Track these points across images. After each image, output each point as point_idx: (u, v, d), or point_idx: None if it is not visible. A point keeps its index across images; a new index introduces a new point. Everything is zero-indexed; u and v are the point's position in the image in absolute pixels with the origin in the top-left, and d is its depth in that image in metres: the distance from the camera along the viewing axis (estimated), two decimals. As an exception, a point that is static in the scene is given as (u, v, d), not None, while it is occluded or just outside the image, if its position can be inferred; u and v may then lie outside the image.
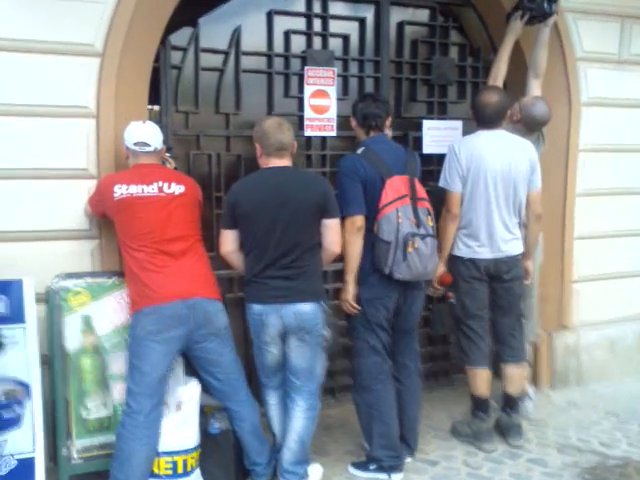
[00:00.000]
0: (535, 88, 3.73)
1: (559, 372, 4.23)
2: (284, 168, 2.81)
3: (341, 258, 2.98)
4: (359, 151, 3.00)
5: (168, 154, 3.09)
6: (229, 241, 2.81)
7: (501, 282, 3.33)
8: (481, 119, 3.33)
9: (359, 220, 2.91)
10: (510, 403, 3.45)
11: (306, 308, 2.74)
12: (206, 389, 2.88)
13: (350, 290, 2.96)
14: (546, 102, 3.61)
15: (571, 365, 4.26)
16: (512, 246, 3.32)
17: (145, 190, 2.74)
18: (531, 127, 3.58)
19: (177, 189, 2.80)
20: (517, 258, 3.35)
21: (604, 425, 3.70)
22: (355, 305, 2.98)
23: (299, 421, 2.85)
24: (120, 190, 2.72)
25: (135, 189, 2.73)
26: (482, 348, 3.34)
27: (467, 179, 3.23)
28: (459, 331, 3.41)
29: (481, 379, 3.35)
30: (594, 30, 4.10)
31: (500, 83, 3.67)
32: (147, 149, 2.81)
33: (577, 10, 3.96)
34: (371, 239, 2.94)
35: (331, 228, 2.83)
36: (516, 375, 3.43)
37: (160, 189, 2.76)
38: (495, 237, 3.26)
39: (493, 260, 3.28)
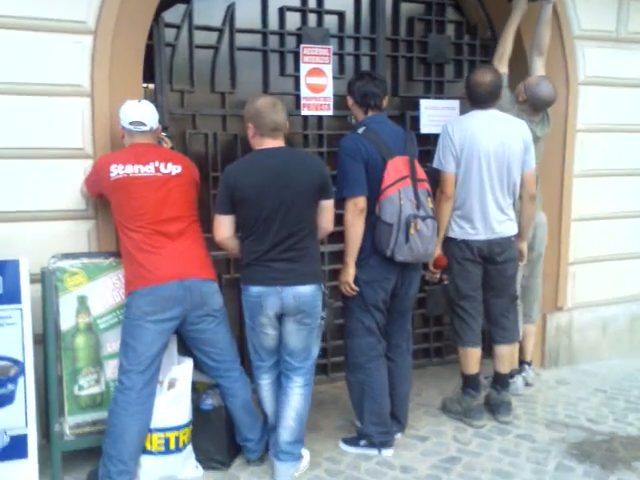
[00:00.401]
0: (539, 67, 3.72)
1: (551, 351, 4.29)
2: (281, 149, 2.75)
3: (335, 239, 2.98)
4: (360, 131, 2.95)
5: (164, 134, 3.06)
6: (226, 227, 2.73)
7: (494, 264, 3.34)
8: (474, 99, 3.30)
9: (361, 201, 2.89)
10: (500, 381, 3.50)
11: (306, 290, 2.73)
12: (198, 366, 2.90)
13: (350, 272, 2.96)
14: (551, 81, 3.61)
15: (563, 345, 4.32)
16: (506, 227, 3.32)
17: (142, 170, 2.72)
18: (537, 107, 3.58)
19: (174, 169, 2.77)
20: (510, 239, 3.34)
21: (592, 401, 3.76)
22: (354, 287, 2.98)
23: (296, 397, 2.86)
24: (116, 170, 2.70)
25: (131, 169, 2.70)
26: (474, 328, 3.39)
27: (460, 160, 3.22)
28: (452, 312, 3.44)
29: (472, 358, 3.41)
30: (591, 8, 4.07)
31: (506, 61, 3.65)
32: (143, 128, 2.78)
33: (575, -13, 3.94)
34: (372, 221, 2.92)
35: (328, 209, 2.83)
36: (507, 355, 3.48)
37: (157, 169, 2.74)
38: (488, 218, 3.26)
39: (487, 241, 3.29)
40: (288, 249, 2.70)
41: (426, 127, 3.91)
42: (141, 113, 2.78)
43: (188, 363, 2.84)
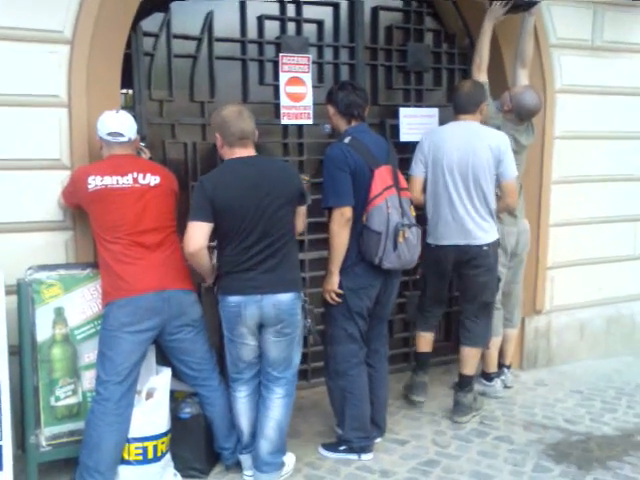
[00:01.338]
0: (523, 77, 3.77)
1: (529, 354, 4.35)
2: (256, 158, 2.75)
3: (316, 246, 3.00)
4: (346, 140, 2.97)
5: (142, 144, 3.07)
6: (203, 235, 2.63)
7: (465, 270, 3.43)
8: (453, 106, 3.46)
9: (348, 211, 2.91)
10: (460, 381, 3.59)
11: (286, 298, 2.73)
12: (177, 375, 2.91)
13: (335, 280, 2.98)
14: (536, 91, 3.67)
15: (541, 347, 4.38)
16: (476, 236, 3.37)
17: (120, 181, 2.71)
18: (522, 116, 3.64)
19: (152, 180, 2.77)
20: (482, 248, 3.38)
21: (569, 402, 3.83)
22: (338, 294, 2.99)
23: (277, 409, 2.86)
24: (94, 181, 2.69)
25: (109, 180, 2.70)
26: (428, 318, 3.68)
27: (428, 167, 3.39)
28: (418, 299, 3.74)
29: (423, 340, 3.72)
30: (567, 17, 4.13)
31: (484, 70, 3.69)
32: (121, 139, 2.78)
33: (551, -4, 3.99)
34: (358, 229, 2.94)
35: (302, 214, 2.88)
36: (468, 357, 3.56)
37: (135, 180, 2.74)
38: (458, 225, 3.34)
39: (455, 247, 3.37)
40: (268, 257, 2.70)
41: (405, 135, 3.95)
42: (119, 124, 2.78)
43: (166, 373, 2.84)
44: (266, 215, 2.66)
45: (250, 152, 2.74)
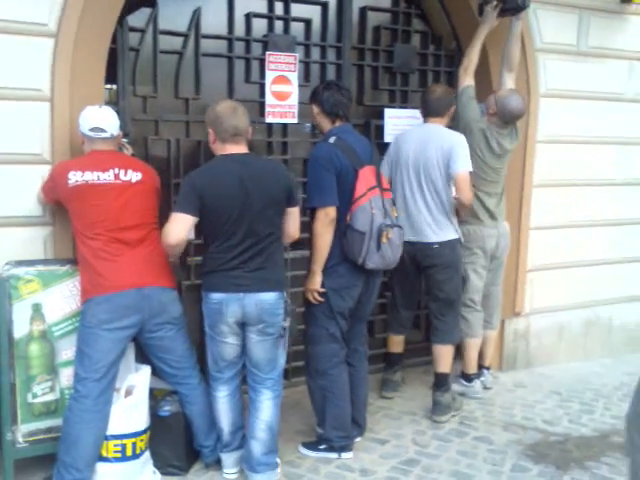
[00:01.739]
0: (509, 82, 3.80)
1: (508, 356, 4.39)
2: (247, 155, 2.73)
3: (298, 245, 3.00)
4: (331, 140, 2.97)
5: (125, 140, 3.04)
6: (185, 227, 2.61)
7: (424, 268, 3.53)
8: (423, 109, 3.58)
9: (332, 211, 2.91)
10: (436, 381, 3.64)
11: (268, 297, 2.72)
12: (157, 373, 2.90)
13: (317, 280, 2.98)
14: (521, 95, 3.71)
15: (520, 349, 4.42)
16: (428, 233, 3.45)
17: (100, 177, 2.69)
18: (506, 120, 3.67)
19: (134, 176, 2.75)
20: (432, 246, 3.45)
21: (547, 404, 3.87)
22: (321, 294, 2.99)
23: (267, 410, 2.84)
24: (74, 177, 2.67)
25: (90, 176, 2.68)
26: (398, 319, 3.79)
27: (392, 167, 3.53)
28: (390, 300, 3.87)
29: (393, 342, 3.86)
30: (553, 21, 4.16)
31: (471, 73, 3.73)
32: (103, 135, 2.75)
33: (537, 0, 3.99)
34: (342, 229, 2.95)
35: (294, 215, 2.85)
36: (439, 354, 3.61)
37: (116, 176, 2.71)
38: (410, 223, 3.44)
39: (410, 244, 3.43)
40: (254, 256, 2.69)
41: (390, 136, 3.94)
42: (101, 119, 2.75)
43: (145, 370, 2.84)
44: (252, 214, 2.65)
45: (242, 149, 2.73)
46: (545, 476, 3.02)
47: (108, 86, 3.24)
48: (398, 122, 3.94)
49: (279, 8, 3.70)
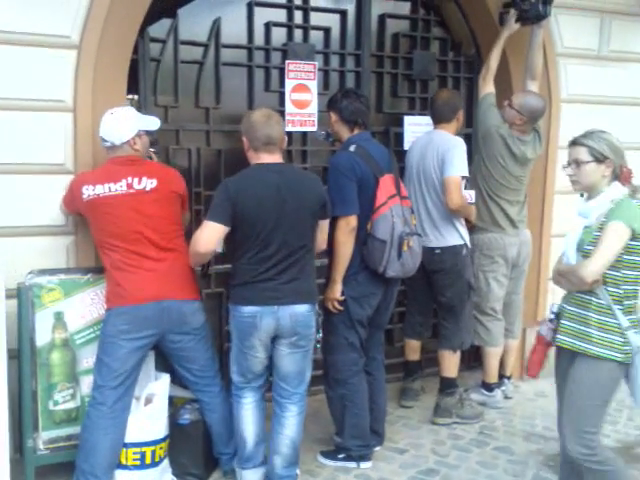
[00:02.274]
0: (534, 90, 3.77)
1: (530, 365, 4.32)
2: (281, 165, 2.68)
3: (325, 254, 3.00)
4: (351, 149, 2.96)
5: (153, 149, 3.01)
6: (217, 237, 2.55)
7: (429, 273, 3.52)
8: (431, 116, 3.61)
9: (353, 220, 2.90)
10: (440, 385, 3.65)
11: (302, 309, 2.67)
12: (176, 380, 2.91)
13: (338, 289, 2.96)
14: (532, 91, 3.70)
15: (543, 358, 4.35)
16: (429, 239, 3.45)
17: (112, 188, 2.64)
18: (537, 119, 3.65)
19: (148, 184, 2.68)
20: (434, 251, 3.45)
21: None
22: (340, 303, 2.98)
23: (292, 427, 2.79)
24: (87, 192, 2.66)
25: (101, 189, 2.64)
26: (412, 323, 3.80)
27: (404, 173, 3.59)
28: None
29: (408, 347, 3.84)
30: (574, 26, 4.12)
31: (490, 80, 3.71)
32: (106, 145, 2.72)
33: (558, 5, 3.93)
34: (362, 237, 2.94)
35: (323, 228, 2.83)
36: (441, 359, 3.64)
37: (129, 185, 2.66)
38: (420, 227, 3.44)
39: None
40: (288, 267, 2.63)
41: (410, 143, 3.93)
42: (103, 128, 2.71)
43: (165, 379, 2.85)
44: (288, 224, 2.60)
45: (276, 159, 2.67)
46: (567, 488, 2.98)
47: (130, 96, 3.28)
48: (418, 129, 3.91)
49: (298, 17, 3.72)
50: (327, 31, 3.80)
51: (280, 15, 3.68)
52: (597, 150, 2.36)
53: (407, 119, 3.98)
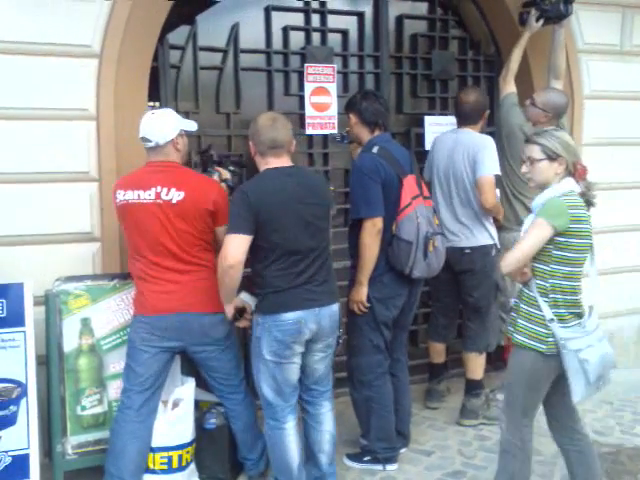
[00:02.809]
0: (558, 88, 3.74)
1: (557, 365, 4.27)
2: (293, 168, 2.61)
3: (338, 256, 2.99)
4: (374, 150, 2.95)
5: (232, 168, 2.95)
6: (244, 248, 2.45)
7: (456, 273, 3.48)
8: (457, 116, 3.54)
9: (379, 222, 2.88)
10: (466, 386, 3.62)
11: (336, 309, 2.66)
12: (201, 384, 2.91)
13: (364, 291, 2.95)
14: (554, 88, 3.67)
15: (569, 358, 4.30)
16: (457, 238, 3.42)
17: (141, 196, 2.59)
18: (561, 116, 3.61)
19: (175, 196, 2.58)
20: (463, 251, 3.42)
21: (598, 413, 3.76)
22: (366, 305, 2.98)
23: (329, 422, 2.79)
24: (119, 196, 2.66)
25: (131, 195, 2.60)
26: (436, 326, 3.74)
27: (429, 172, 3.56)
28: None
29: (433, 350, 3.78)
30: (595, 21, 4.08)
31: (511, 80, 3.68)
32: (148, 145, 2.62)
33: (578, 1, 3.89)
34: (387, 239, 2.93)
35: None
36: (466, 361, 3.62)
37: (157, 195, 2.58)
38: (445, 227, 3.39)
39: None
40: (319, 269, 2.60)
41: (431, 144, 3.92)
42: (146, 128, 2.61)
43: (191, 383, 2.86)
44: (310, 227, 2.56)
45: (284, 162, 2.59)
46: (597, 489, 2.93)
47: (151, 103, 3.32)
48: (438, 129, 3.88)
49: (316, 20, 3.73)
50: (345, 33, 3.80)
51: (298, 19, 3.69)
52: (549, 148, 2.42)
53: (428, 119, 3.97)
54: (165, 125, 2.63)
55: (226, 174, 2.92)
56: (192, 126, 2.82)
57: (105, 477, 2.69)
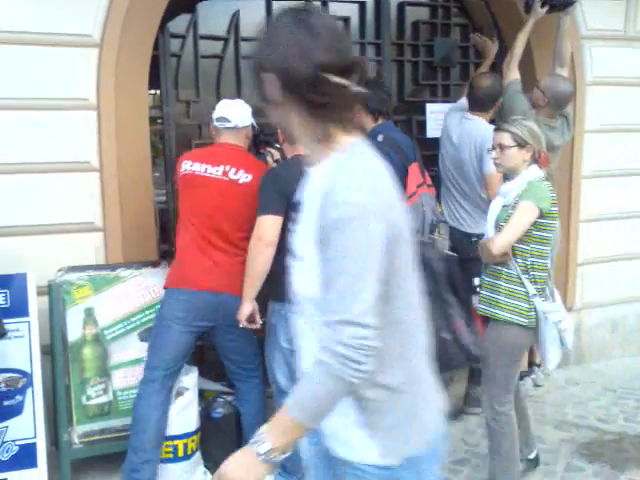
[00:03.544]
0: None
1: (560, 352, 4.28)
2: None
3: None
4: (379, 139, 2.94)
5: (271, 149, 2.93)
6: (277, 229, 2.44)
7: (463, 261, 3.44)
8: (470, 102, 3.48)
9: None
10: (470, 374, 3.64)
11: None
12: (205, 374, 2.94)
13: None
14: (562, 76, 3.63)
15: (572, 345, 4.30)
16: (468, 224, 3.44)
17: (208, 170, 2.65)
18: (561, 105, 3.55)
19: (243, 177, 2.65)
20: (472, 238, 3.38)
21: (601, 401, 3.76)
22: None
23: None
24: (185, 166, 2.69)
25: (199, 167, 2.66)
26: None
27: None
28: None
29: None
30: (598, 7, 4.03)
31: (514, 67, 3.63)
32: (227, 125, 2.71)
33: (580, -13, 3.89)
34: None
35: None
36: None
37: (225, 173, 2.65)
38: (449, 215, 3.42)
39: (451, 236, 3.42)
40: None
41: (432, 131, 3.90)
42: (227, 110, 2.73)
43: (194, 372, 2.87)
44: None
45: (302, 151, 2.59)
46: (600, 476, 2.94)
47: (152, 92, 3.30)
48: (440, 117, 3.86)
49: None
50: (346, 21, 3.76)
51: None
52: (519, 136, 2.52)
53: (429, 107, 3.94)
54: (245, 112, 2.78)
55: (277, 154, 2.93)
56: (254, 124, 2.88)
57: (128, 453, 2.69)
